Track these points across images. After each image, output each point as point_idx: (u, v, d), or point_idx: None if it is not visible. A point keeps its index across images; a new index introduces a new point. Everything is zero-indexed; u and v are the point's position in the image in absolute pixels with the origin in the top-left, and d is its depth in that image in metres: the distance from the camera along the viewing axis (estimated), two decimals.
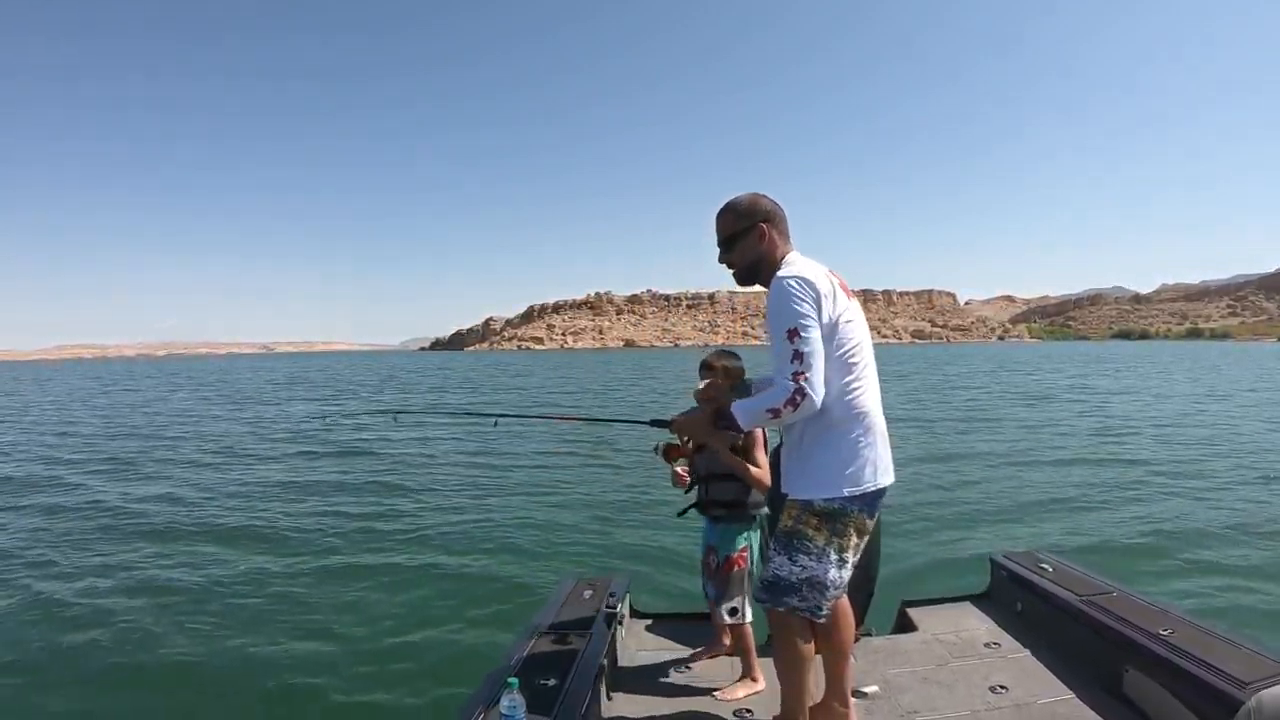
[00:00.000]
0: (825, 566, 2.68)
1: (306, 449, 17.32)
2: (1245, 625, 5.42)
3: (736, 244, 2.78)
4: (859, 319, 2.68)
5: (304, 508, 10.79)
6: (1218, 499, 10.08)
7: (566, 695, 2.82)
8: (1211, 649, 2.95)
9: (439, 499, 11.16)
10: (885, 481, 2.71)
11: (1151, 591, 3.89)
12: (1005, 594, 4.21)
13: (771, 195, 2.80)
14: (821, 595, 2.71)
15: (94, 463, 15.52)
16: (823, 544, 2.67)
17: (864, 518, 2.70)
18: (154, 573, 7.68)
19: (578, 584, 4.10)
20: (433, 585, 7.09)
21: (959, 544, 7.96)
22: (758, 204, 2.77)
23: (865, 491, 2.64)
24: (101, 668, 5.53)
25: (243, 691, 5.15)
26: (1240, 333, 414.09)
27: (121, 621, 6.31)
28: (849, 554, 2.72)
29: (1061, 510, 9.59)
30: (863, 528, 2.72)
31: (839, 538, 2.68)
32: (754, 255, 2.76)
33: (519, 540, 8.65)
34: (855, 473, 2.63)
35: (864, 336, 2.69)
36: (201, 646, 5.81)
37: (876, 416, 2.69)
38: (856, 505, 2.66)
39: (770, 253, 2.74)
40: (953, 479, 11.84)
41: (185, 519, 10.09)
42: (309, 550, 8.46)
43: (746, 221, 2.75)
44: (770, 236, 2.74)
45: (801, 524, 2.69)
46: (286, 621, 6.30)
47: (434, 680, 5.16)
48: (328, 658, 5.58)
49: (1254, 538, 8.10)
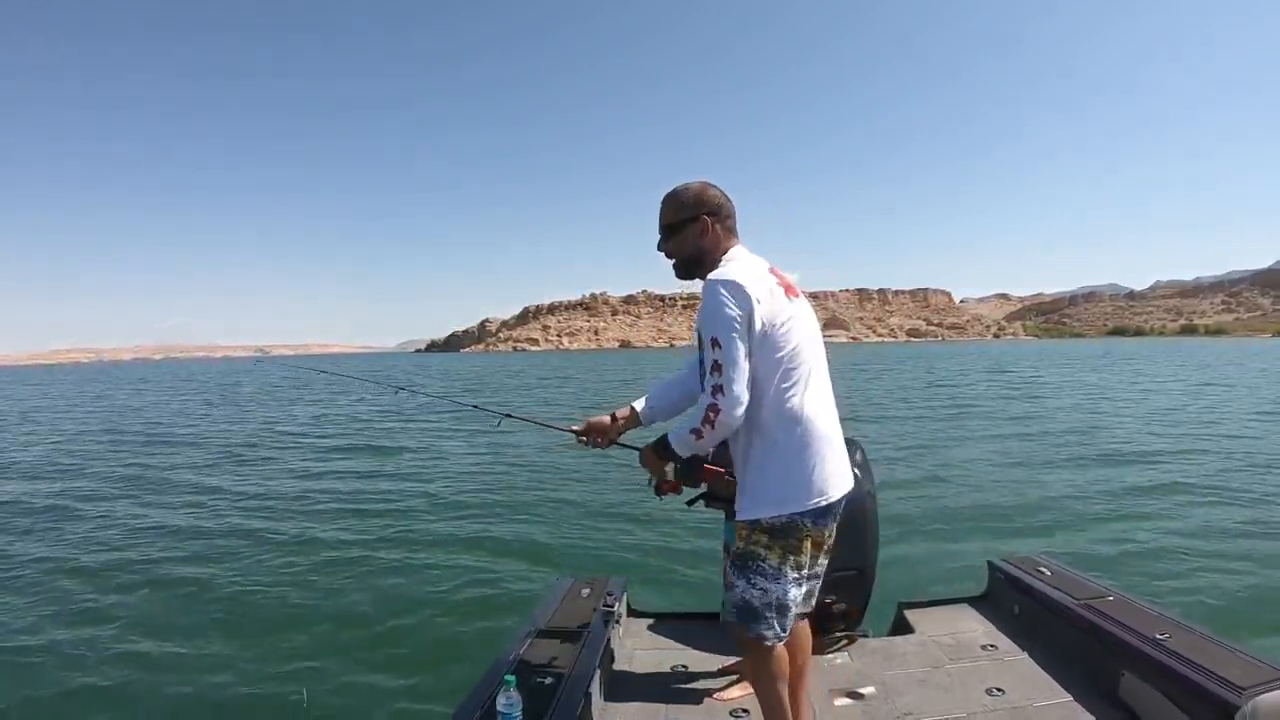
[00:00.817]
0: (784, 586, 2.55)
1: (306, 449, 17.31)
2: (1241, 631, 5.45)
3: (676, 234, 2.65)
4: (803, 321, 2.52)
5: (299, 507, 10.81)
6: (1215, 502, 10.07)
7: (563, 694, 2.83)
8: (1208, 654, 2.95)
9: (436, 498, 11.17)
10: (836, 492, 2.53)
11: (1149, 596, 3.89)
12: (1003, 597, 4.21)
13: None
14: (785, 616, 2.58)
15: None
16: (777, 563, 2.54)
17: (819, 531, 2.57)
18: (155, 570, 7.74)
19: (575, 583, 4.12)
20: (429, 584, 7.10)
21: (956, 546, 7.96)
22: (704, 195, 2.62)
23: (814, 506, 2.49)
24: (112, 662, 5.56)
25: (238, 691, 5.15)
26: (1235, 329, 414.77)
27: (125, 616, 6.42)
28: (806, 570, 2.59)
29: (1058, 513, 9.56)
30: (819, 540, 2.60)
31: (793, 554, 2.54)
32: (694, 249, 2.62)
33: (516, 540, 8.67)
34: (801, 487, 2.47)
35: (807, 339, 2.51)
36: (194, 646, 5.82)
37: (824, 424, 2.52)
38: (808, 519, 2.50)
39: (712, 248, 2.60)
40: (951, 481, 11.82)
41: (179, 520, 10.06)
42: (303, 549, 8.48)
43: (689, 212, 2.61)
44: (713, 230, 2.60)
45: (753, 544, 2.55)
46: (281, 620, 6.32)
47: (431, 679, 5.18)
48: (323, 656, 5.60)
49: (1252, 541, 8.09)
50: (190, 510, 10.77)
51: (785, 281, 2.54)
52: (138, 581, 7.36)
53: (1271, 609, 6.17)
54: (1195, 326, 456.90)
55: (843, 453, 2.59)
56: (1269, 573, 7.02)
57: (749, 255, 2.60)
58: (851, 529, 3.82)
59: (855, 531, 3.83)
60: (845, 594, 3.84)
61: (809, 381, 2.49)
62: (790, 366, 2.45)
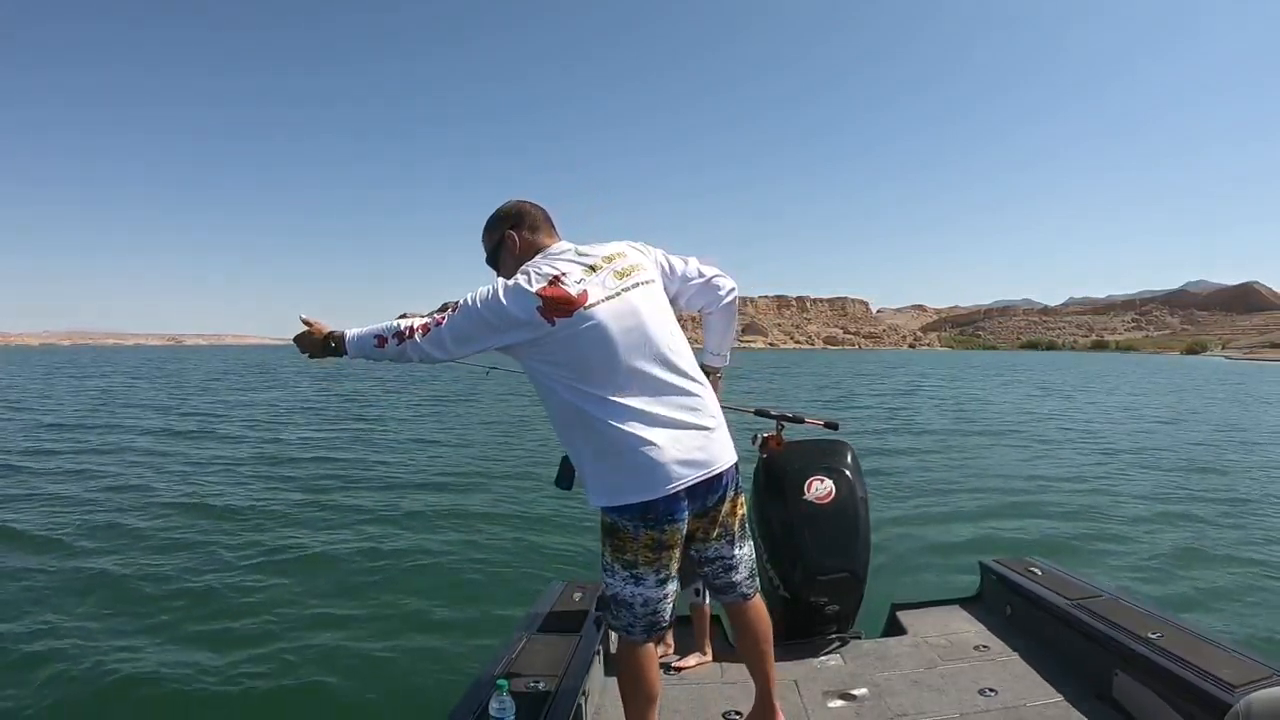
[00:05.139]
0: (619, 582, 2.58)
1: (282, 446, 16.71)
2: (1233, 629, 5.60)
3: (499, 258, 2.74)
4: (618, 315, 2.48)
5: (284, 505, 10.50)
6: (1207, 502, 10.50)
7: (556, 698, 2.81)
8: (1200, 653, 3.01)
9: (426, 500, 10.85)
10: (655, 493, 2.45)
11: (1141, 595, 3.95)
12: (995, 597, 4.27)
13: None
14: (630, 613, 2.58)
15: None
16: (610, 559, 2.58)
17: (649, 532, 2.50)
18: (133, 572, 7.38)
19: (568, 586, 4.08)
20: (420, 587, 6.95)
21: (948, 547, 8.09)
22: (503, 214, 2.75)
23: (626, 504, 2.47)
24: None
25: (226, 694, 4.98)
26: (1144, 345, 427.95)
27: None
28: (643, 570, 2.54)
29: (1050, 513, 9.82)
30: (652, 542, 2.51)
31: (620, 553, 2.54)
32: (513, 264, 2.65)
33: (509, 543, 8.52)
34: (614, 485, 2.47)
35: (616, 336, 2.46)
36: (181, 648, 5.61)
37: (634, 426, 2.43)
38: (625, 518, 2.49)
39: (525, 255, 2.66)
40: (942, 483, 12.01)
41: (164, 517, 9.66)
42: (291, 549, 8.23)
43: (496, 235, 2.74)
44: (521, 240, 2.69)
45: (599, 538, 2.64)
46: (268, 621, 6.12)
47: (422, 682, 5.08)
48: (313, 658, 5.44)
49: (1243, 540, 8.44)
50: (149, 487, 10.55)
51: (558, 296, 2.44)
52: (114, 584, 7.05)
53: (1263, 607, 6.37)
54: (1106, 342, 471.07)
55: (672, 453, 2.47)
56: (1260, 571, 7.29)
57: (563, 252, 2.62)
58: (843, 531, 3.87)
59: (847, 533, 3.88)
60: (837, 596, 3.87)
61: (604, 387, 2.45)
62: (579, 375, 2.46)
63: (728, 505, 2.72)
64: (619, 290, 2.55)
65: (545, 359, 2.48)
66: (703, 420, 2.57)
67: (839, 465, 3.95)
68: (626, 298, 2.55)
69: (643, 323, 2.54)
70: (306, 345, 2.72)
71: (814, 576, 3.79)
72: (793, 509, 3.84)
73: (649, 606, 2.58)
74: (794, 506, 3.84)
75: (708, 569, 2.82)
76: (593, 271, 2.54)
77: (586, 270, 2.54)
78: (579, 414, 2.47)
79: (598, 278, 2.54)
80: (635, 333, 2.51)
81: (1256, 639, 5.51)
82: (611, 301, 2.51)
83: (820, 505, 3.85)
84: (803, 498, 3.84)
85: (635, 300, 2.56)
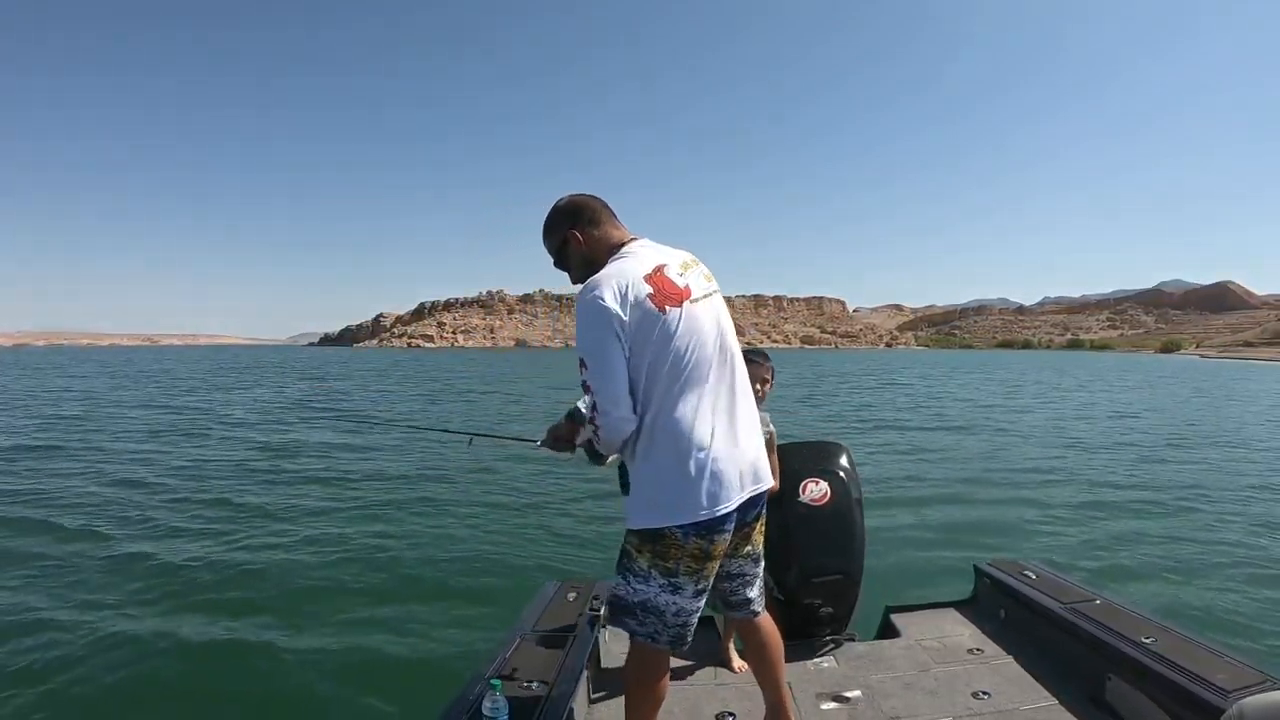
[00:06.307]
0: (654, 590, 2.47)
1: (275, 444, 16.59)
2: (1227, 633, 5.62)
3: (564, 261, 2.61)
4: (682, 327, 2.38)
5: (276, 504, 10.41)
6: (1199, 506, 10.50)
7: (550, 698, 2.79)
8: (1193, 657, 3.02)
9: (419, 503, 10.71)
10: (719, 509, 2.39)
11: (1135, 599, 3.96)
12: (989, 601, 4.26)
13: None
14: (659, 620, 2.51)
15: None
16: (646, 566, 2.46)
17: (699, 541, 2.42)
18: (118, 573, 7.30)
19: (562, 586, 4.04)
20: (414, 589, 6.91)
21: (943, 550, 8.07)
22: (560, 211, 2.60)
23: (683, 522, 2.38)
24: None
25: (221, 693, 4.97)
26: (1119, 344, 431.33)
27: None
28: (683, 579, 2.46)
29: (1047, 518, 9.80)
30: (700, 552, 2.44)
31: (662, 560, 2.44)
32: (581, 264, 2.55)
33: (502, 543, 8.47)
34: (669, 500, 2.38)
35: (685, 347, 2.38)
36: (173, 651, 5.53)
37: (701, 436, 2.38)
38: (678, 531, 2.39)
39: (595, 253, 2.53)
40: (938, 486, 12.01)
41: (146, 520, 9.46)
42: (280, 549, 8.17)
43: (558, 236, 2.58)
44: (586, 237, 2.54)
45: (628, 542, 2.52)
46: (261, 624, 6.05)
47: (416, 683, 5.05)
48: (306, 660, 5.39)
49: (1237, 544, 8.43)
50: (142, 511, 10.05)
51: (666, 289, 2.41)
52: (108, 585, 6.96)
53: (1256, 612, 6.38)
54: (1081, 341, 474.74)
55: (733, 466, 2.45)
56: (1253, 575, 7.30)
57: (640, 253, 2.50)
58: (838, 533, 3.86)
59: (841, 536, 3.87)
60: (831, 598, 3.87)
61: (682, 393, 2.38)
62: (656, 379, 2.37)
63: (759, 524, 2.70)
64: (710, 292, 2.53)
65: (636, 351, 2.35)
66: (756, 437, 2.56)
67: (834, 467, 3.93)
68: (714, 302, 2.53)
69: (723, 330, 2.52)
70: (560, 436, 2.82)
71: (809, 578, 3.79)
72: (788, 511, 3.81)
73: (680, 617, 2.52)
74: (789, 508, 3.81)
75: (727, 584, 2.76)
76: (686, 268, 2.50)
77: (682, 265, 2.50)
78: (653, 415, 2.39)
79: (692, 275, 2.50)
80: (720, 339, 2.49)
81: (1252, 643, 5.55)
82: (707, 301, 2.50)
83: (815, 507, 3.83)
84: (798, 500, 3.83)
85: (718, 306, 2.54)
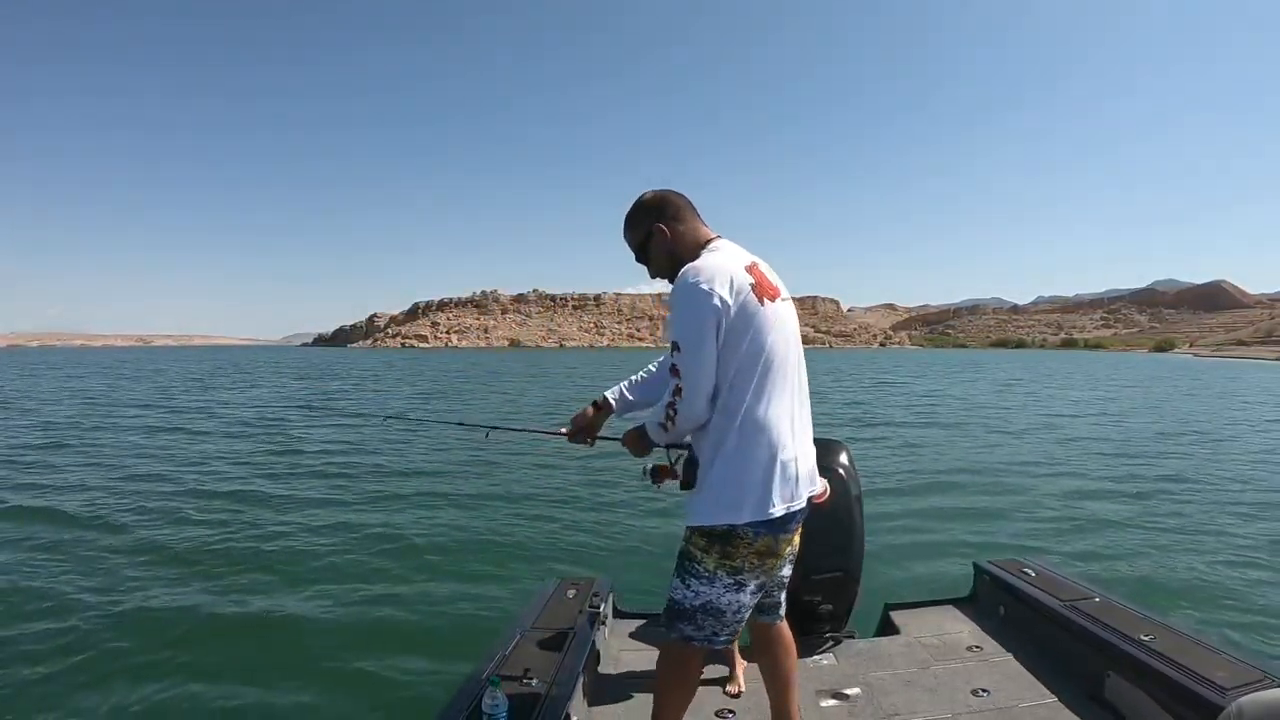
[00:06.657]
0: (718, 591, 2.45)
1: (261, 448, 16.38)
2: (1226, 631, 5.64)
3: (647, 255, 2.62)
4: (774, 323, 2.42)
5: (275, 502, 10.45)
6: (1198, 503, 10.55)
7: (549, 695, 2.81)
8: (1192, 655, 3.04)
9: (417, 500, 10.72)
10: (791, 506, 2.42)
11: (1134, 597, 3.97)
12: (989, 598, 4.28)
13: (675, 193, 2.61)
14: (719, 622, 2.50)
15: None
16: (713, 567, 2.44)
17: (767, 541, 2.44)
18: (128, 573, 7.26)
19: (561, 584, 4.08)
20: (413, 586, 6.91)
21: (942, 548, 8.10)
22: (645, 206, 2.61)
23: (755, 519, 2.37)
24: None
25: (220, 692, 4.93)
26: (1113, 344, 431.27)
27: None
28: (747, 577, 2.46)
29: (1047, 516, 9.82)
30: (766, 549, 2.45)
31: (729, 560, 2.42)
32: (665, 257, 2.57)
33: (501, 541, 8.47)
34: (744, 497, 2.37)
35: (775, 343, 2.41)
36: (173, 645, 5.54)
37: (782, 433, 2.40)
38: (749, 529, 2.39)
39: (679, 247, 2.55)
40: (937, 484, 12.04)
41: (150, 519, 9.46)
42: (280, 544, 8.21)
43: (643, 229, 2.59)
44: (672, 232, 2.55)
45: (691, 544, 2.49)
46: (259, 618, 6.08)
47: (415, 680, 5.05)
48: (306, 656, 5.41)
49: (1237, 542, 8.44)
50: (150, 507, 10.10)
51: (762, 280, 2.44)
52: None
53: (1256, 609, 6.39)
54: (1075, 340, 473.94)
55: (805, 466, 2.49)
56: (1253, 573, 7.31)
57: (728, 247, 2.52)
58: (837, 531, 3.86)
59: (841, 533, 3.87)
60: (831, 595, 3.89)
61: (768, 389, 2.39)
62: (747, 372, 2.37)
63: (802, 528, 2.68)
64: (787, 295, 2.57)
65: (730, 344, 2.35)
66: (811, 441, 2.59)
67: (834, 465, 3.90)
68: (791, 304, 2.57)
69: (795, 332, 2.56)
70: (629, 445, 2.72)
71: (808, 576, 3.77)
72: None
73: (740, 614, 2.53)
74: None
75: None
76: (769, 269, 2.55)
77: (767, 266, 2.55)
78: (735, 416, 2.37)
79: (775, 276, 2.54)
80: (795, 339, 2.54)
81: (1251, 641, 5.57)
82: (788, 303, 2.55)
83: (815, 505, 3.82)
84: None
85: (792, 309, 2.59)
